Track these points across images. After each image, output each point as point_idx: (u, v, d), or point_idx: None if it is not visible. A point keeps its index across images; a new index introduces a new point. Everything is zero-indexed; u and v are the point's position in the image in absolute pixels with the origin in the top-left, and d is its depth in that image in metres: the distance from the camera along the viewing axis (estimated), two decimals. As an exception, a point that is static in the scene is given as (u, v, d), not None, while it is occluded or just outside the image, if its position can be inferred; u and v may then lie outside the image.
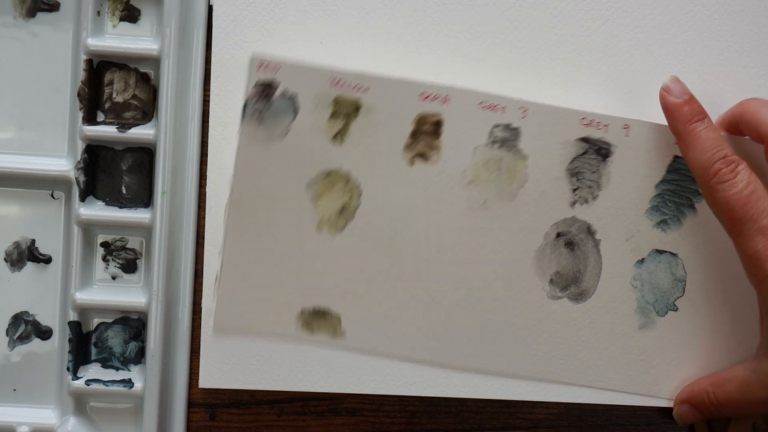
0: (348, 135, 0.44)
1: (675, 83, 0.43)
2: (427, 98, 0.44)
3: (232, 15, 0.45)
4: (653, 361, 0.46)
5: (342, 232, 0.45)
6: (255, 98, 0.44)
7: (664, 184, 0.45)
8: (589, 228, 0.45)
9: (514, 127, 0.44)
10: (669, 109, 0.43)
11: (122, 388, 0.46)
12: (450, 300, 0.45)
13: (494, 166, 0.45)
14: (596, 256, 0.46)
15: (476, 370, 0.46)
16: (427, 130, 0.44)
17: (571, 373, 0.46)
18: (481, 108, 0.44)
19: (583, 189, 0.45)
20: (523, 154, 0.45)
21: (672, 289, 0.46)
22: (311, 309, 0.45)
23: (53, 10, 0.47)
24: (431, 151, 0.45)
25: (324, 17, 0.45)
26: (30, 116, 0.47)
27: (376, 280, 0.45)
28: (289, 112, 0.44)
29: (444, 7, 0.46)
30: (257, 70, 0.43)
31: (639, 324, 0.46)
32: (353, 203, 0.45)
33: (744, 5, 0.46)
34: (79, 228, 0.46)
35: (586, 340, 0.46)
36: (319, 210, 0.45)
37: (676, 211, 0.45)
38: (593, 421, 0.48)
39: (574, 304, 0.46)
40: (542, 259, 0.45)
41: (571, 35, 0.46)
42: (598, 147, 0.45)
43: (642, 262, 0.46)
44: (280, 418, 0.48)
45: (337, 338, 0.45)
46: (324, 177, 0.44)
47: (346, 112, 0.44)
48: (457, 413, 0.48)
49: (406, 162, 0.45)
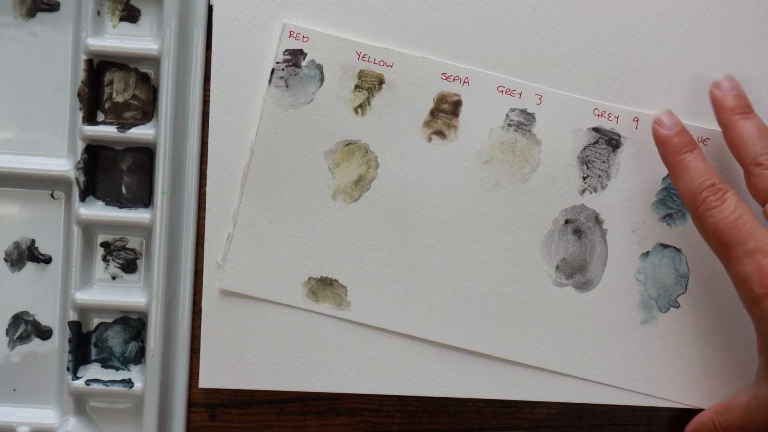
0: (370, 108, 0.46)
1: (667, 116, 0.45)
2: (448, 78, 0.45)
3: (232, 15, 0.45)
4: (653, 358, 0.46)
5: (356, 202, 0.46)
6: (283, 65, 0.45)
7: (670, 178, 0.45)
8: (597, 217, 0.46)
9: (529, 113, 0.46)
10: (660, 141, 0.44)
11: (122, 388, 0.46)
12: (456, 279, 0.46)
13: (509, 148, 0.46)
14: (603, 245, 0.46)
15: (477, 353, 0.46)
16: (446, 109, 0.46)
17: (571, 364, 0.46)
18: (498, 91, 0.45)
19: (592, 178, 0.46)
20: (537, 139, 0.46)
21: (675, 285, 0.46)
22: (318, 277, 0.46)
23: (53, 10, 0.47)
24: (449, 130, 0.46)
25: (324, 17, 0.46)
26: (30, 116, 0.47)
27: (386, 254, 0.46)
28: (315, 81, 0.45)
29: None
30: (288, 38, 0.45)
31: (641, 319, 0.46)
32: (370, 174, 0.46)
33: (745, 4, 0.46)
34: (79, 228, 0.47)
35: (588, 331, 0.46)
36: (336, 178, 0.46)
37: (681, 205, 0.46)
38: (593, 421, 0.48)
39: (578, 293, 0.46)
40: (550, 244, 0.46)
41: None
42: (609, 137, 0.46)
43: (647, 255, 0.46)
44: (280, 418, 0.48)
45: (342, 309, 0.46)
46: (343, 146, 0.45)
47: (370, 85, 0.45)
48: (457, 413, 0.48)
49: (424, 138, 0.46)
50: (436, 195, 0.46)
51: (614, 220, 0.46)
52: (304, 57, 0.45)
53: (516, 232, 0.46)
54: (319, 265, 0.46)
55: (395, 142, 0.46)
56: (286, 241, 0.46)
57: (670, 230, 0.46)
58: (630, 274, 0.46)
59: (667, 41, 0.46)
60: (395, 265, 0.46)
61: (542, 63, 0.46)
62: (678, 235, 0.46)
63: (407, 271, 0.46)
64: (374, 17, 0.45)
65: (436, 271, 0.46)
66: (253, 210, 0.45)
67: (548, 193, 0.46)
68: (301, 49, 0.45)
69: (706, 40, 0.46)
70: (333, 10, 0.45)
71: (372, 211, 0.46)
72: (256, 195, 0.45)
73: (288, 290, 0.46)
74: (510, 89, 0.45)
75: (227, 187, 0.45)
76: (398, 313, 0.46)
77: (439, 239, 0.46)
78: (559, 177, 0.46)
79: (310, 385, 0.46)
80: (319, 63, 0.45)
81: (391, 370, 0.46)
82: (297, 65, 0.45)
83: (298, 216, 0.46)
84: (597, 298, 0.46)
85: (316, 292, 0.46)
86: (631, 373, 0.46)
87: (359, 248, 0.46)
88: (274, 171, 0.45)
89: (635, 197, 0.46)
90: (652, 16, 0.46)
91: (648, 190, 0.46)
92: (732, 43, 0.46)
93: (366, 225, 0.46)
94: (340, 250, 0.46)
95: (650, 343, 0.46)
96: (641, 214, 0.46)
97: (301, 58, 0.45)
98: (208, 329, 0.46)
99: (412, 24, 0.46)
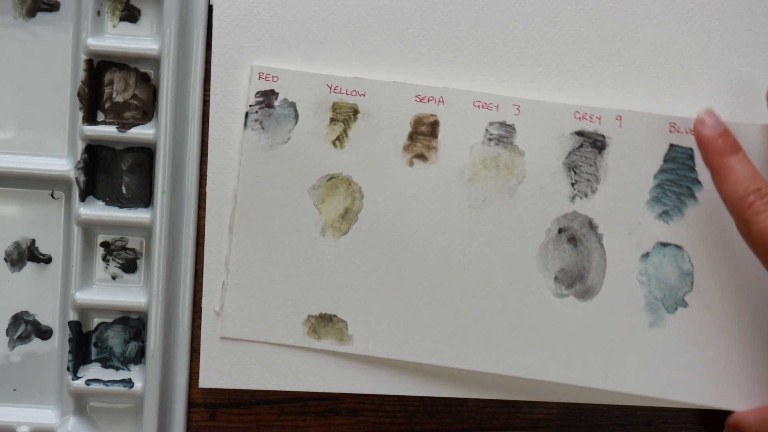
0: (348, 139, 0.45)
1: (709, 116, 0.43)
2: (422, 100, 0.45)
3: (232, 15, 0.45)
4: (667, 362, 0.45)
5: (346, 235, 0.45)
6: (256, 107, 0.45)
7: (662, 174, 0.45)
8: (591, 222, 0.45)
9: (509, 124, 0.45)
10: (703, 142, 0.43)
11: (122, 388, 0.46)
12: (455, 300, 0.45)
13: (492, 163, 0.45)
14: (600, 251, 0.45)
15: (486, 373, 0.46)
16: (424, 131, 0.45)
17: (582, 376, 0.45)
18: (475, 106, 0.45)
19: (581, 183, 0.45)
20: (519, 151, 0.45)
21: (680, 284, 0.45)
22: (317, 314, 0.46)
23: (53, 10, 0.47)
24: (429, 152, 0.45)
25: (324, 17, 0.46)
26: (30, 116, 0.47)
27: (381, 283, 0.45)
28: (290, 119, 0.45)
29: (446, 7, 0.46)
30: (258, 80, 0.44)
31: (648, 322, 0.45)
32: (356, 206, 0.45)
33: (744, 5, 0.46)
34: (79, 228, 0.47)
35: (596, 340, 0.45)
36: (323, 214, 0.45)
37: (676, 201, 0.45)
38: (593, 421, 0.48)
39: (580, 302, 0.45)
40: (545, 255, 0.45)
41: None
42: (593, 140, 0.45)
43: (647, 256, 0.45)
44: (280, 418, 0.48)
45: (345, 344, 0.46)
46: (326, 181, 0.45)
47: (345, 117, 0.45)
48: (457, 413, 0.48)
49: (405, 163, 0.45)
50: (425, 219, 0.45)
51: (609, 224, 0.45)
52: (276, 97, 0.45)
53: (510, 247, 0.45)
54: (316, 303, 0.46)
55: (377, 171, 0.45)
56: (281, 282, 0.45)
57: (668, 228, 0.45)
58: (632, 277, 0.45)
59: (664, 40, 0.46)
60: (392, 293, 0.45)
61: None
62: (677, 231, 0.45)
63: (405, 298, 0.45)
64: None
65: (433, 295, 0.45)
66: (244, 255, 0.45)
67: (538, 204, 0.45)
68: (272, 89, 0.45)
69: (707, 40, 0.46)
70: (300, 47, 0.45)
71: (362, 243, 0.45)
72: (245, 240, 0.45)
73: (289, 330, 0.46)
74: (486, 103, 0.45)
75: (227, 187, 0.45)
76: (401, 342, 0.46)
77: (433, 263, 0.45)
78: (546, 186, 0.45)
79: (310, 385, 0.46)
80: (292, 101, 0.45)
81: (391, 370, 0.46)
82: (270, 105, 0.45)
83: (289, 256, 0.45)
84: (600, 306, 0.45)
85: (317, 329, 0.46)
86: (645, 378, 0.45)
87: (354, 281, 0.45)
88: (259, 214, 0.45)
89: (628, 198, 0.45)
90: (652, 16, 0.46)
91: (640, 189, 0.45)
92: (730, 45, 0.46)
93: (358, 257, 0.45)
94: (336, 284, 0.46)
95: (661, 346, 0.45)
96: (636, 214, 0.45)
97: (274, 98, 0.45)
98: (208, 329, 0.46)
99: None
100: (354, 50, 0.46)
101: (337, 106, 0.45)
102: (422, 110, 0.45)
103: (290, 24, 0.46)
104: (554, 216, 0.45)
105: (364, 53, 0.46)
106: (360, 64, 0.46)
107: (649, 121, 0.45)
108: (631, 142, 0.45)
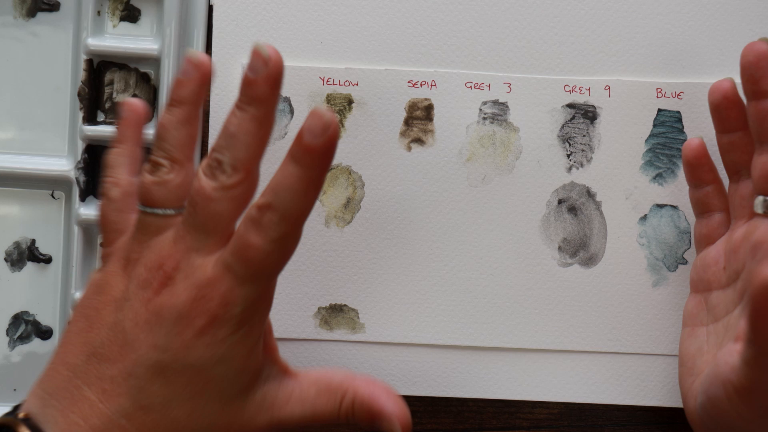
0: (344, 129, 0.46)
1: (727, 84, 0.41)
2: (415, 85, 0.46)
3: (232, 15, 0.46)
4: (672, 318, 0.46)
5: (350, 224, 0.46)
6: None
7: (652, 138, 0.47)
8: (589, 191, 0.47)
9: (501, 102, 0.47)
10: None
11: (122, 388, 0.46)
12: (463, 280, 0.46)
13: (488, 141, 0.46)
14: (600, 218, 0.47)
15: (499, 348, 0.46)
16: (419, 116, 0.46)
17: (593, 341, 0.46)
18: (467, 87, 0.46)
19: (576, 153, 0.47)
20: (514, 127, 0.46)
21: (679, 242, 0.47)
22: (328, 306, 0.46)
23: (53, 10, 0.47)
24: (426, 135, 0.46)
25: (324, 17, 0.46)
26: (30, 116, 0.47)
27: (389, 269, 0.46)
28: (285, 114, 0.46)
29: (446, 7, 0.47)
30: None
31: (652, 282, 0.46)
32: (357, 195, 0.46)
33: (744, 4, 0.46)
34: (79, 228, 0.46)
35: (602, 304, 0.46)
36: (325, 205, 0.46)
37: (669, 163, 0.47)
38: (593, 421, 0.48)
39: (585, 269, 0.47)
40: (548, 227, 0.47)
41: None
42: (584, 111, 0.47)
43: (645, 218, 0.47)
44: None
45: (357, 332, 0.46)
46: None
47: (340, 107, 0.46)
48: (457, 413, 0.48)
49: (403, 148, 0.46)
50: (427, 202, 0.46)
51: (606, 191, 0.47)
52: None
53: (512, 222, 0.46)
54: (326, 294, 0.46)
55: (376, 158, 0.46)
56: (288, 276, 0.46)
57: (662, 189, 0.47)
58: (632, 240, 0.47)
59: (664, 39, 0.46)
60: (401, 278, 0.46)
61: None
62: (671, 192, 0.47)
63: (414, 281, 0.46)
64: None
65: (441, 276, 0.46)
66: None
67: (536, 178, 0.46)
68: None
69: (706, 39, 0.46)
70: (301, 47, 0.46)
71: (367, 231, 0.46)
72: None
73: (300, 324, 0.46)
74: (478, 83, 0.46)
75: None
76: (413, 325, 0.46)
77: (438, 244, 0.46)
78: (543, 159, 0.47)
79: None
80: (286, 96, 0.46)
81: (392, 370, 0.46)
82: None
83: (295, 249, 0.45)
84: (605, 271, 0.46)
85: (329, 320, 0.46)
86: (654, 337, 0.46)
87: (362, 269, 0.46)
88: None
89: (622, 164, 0.47)
90: (652, 16, 0.46)
91: (633, 155, 0.47)
92: (731, 46, 0.46)
93: (364, 245, 0.46)
94: (343, 274, 0.46)
95: (666, 304, 0.46)
96: (631, 179, 0.47)
97: None
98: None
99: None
100: (354, 50, 0.46)
101: (331, 97, 0.46)
102: (416, 95, 0.46)
103: (290, 24, 0.46)
104: (553, 188, 0.47)
105: (364, 53, 0.46)
106: (360, 64, 0.46)
107: (637, 89, 0.47)
108: (621, 110, 0.47)
